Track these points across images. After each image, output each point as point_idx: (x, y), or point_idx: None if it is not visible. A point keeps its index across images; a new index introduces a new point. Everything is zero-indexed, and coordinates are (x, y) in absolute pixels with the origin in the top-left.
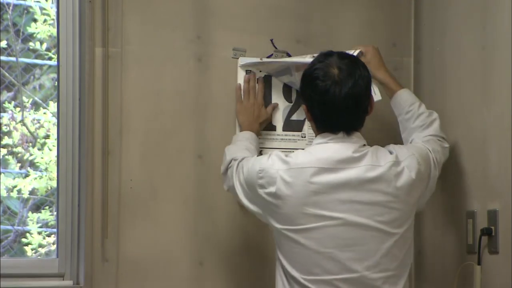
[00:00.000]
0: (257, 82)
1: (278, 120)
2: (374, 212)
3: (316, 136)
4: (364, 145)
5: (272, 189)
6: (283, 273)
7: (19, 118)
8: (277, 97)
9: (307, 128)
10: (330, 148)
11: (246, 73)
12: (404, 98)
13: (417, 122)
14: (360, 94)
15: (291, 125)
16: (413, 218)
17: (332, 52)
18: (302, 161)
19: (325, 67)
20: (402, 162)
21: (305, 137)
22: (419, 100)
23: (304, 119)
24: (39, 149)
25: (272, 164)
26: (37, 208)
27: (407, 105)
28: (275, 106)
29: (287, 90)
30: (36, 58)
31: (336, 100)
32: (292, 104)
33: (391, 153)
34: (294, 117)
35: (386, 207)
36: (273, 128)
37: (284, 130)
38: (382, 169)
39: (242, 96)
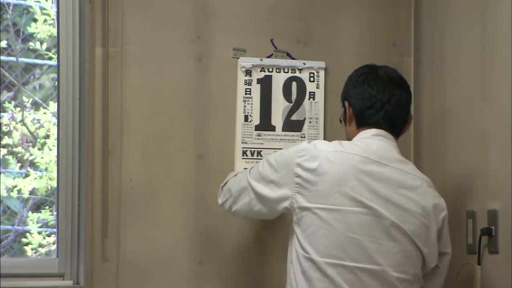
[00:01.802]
0: None
1: (278, 120)
2: (404, 218)
3: (356, 135)
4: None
5: (313, 165)
6: (297, 258)
7: (19, 118)
8: (277, 97)
9: (307, 128)
10: (374, 143)
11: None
12: None
13: None
14: (403, 97)
15: (291, 125)
16: (436, 253)
17: (377, 64)
18: (348, 148)
19: (372, 69)
20: (437, 194)
21: (304, 137)
22: None
23: (304, 119)
24: (39, 149)
25: (315, 145)
26: (37, 208)
27: None
28: None
29: (287, 90)
30: (36, 58)
31: (380, 92)
32: (292, 104)
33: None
34: (294, 117)
35: (416, 218)
36: (272, 128)
37: (283, 130)
38: (421, 182)
39: None
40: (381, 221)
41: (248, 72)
